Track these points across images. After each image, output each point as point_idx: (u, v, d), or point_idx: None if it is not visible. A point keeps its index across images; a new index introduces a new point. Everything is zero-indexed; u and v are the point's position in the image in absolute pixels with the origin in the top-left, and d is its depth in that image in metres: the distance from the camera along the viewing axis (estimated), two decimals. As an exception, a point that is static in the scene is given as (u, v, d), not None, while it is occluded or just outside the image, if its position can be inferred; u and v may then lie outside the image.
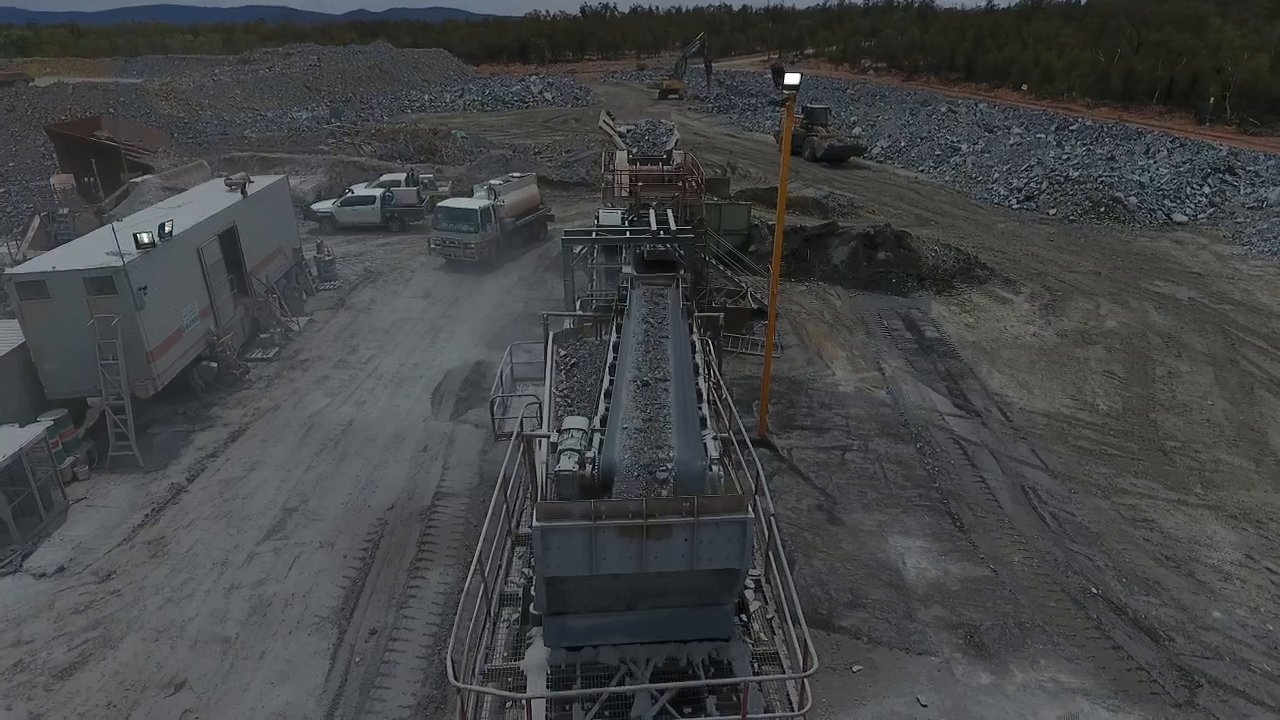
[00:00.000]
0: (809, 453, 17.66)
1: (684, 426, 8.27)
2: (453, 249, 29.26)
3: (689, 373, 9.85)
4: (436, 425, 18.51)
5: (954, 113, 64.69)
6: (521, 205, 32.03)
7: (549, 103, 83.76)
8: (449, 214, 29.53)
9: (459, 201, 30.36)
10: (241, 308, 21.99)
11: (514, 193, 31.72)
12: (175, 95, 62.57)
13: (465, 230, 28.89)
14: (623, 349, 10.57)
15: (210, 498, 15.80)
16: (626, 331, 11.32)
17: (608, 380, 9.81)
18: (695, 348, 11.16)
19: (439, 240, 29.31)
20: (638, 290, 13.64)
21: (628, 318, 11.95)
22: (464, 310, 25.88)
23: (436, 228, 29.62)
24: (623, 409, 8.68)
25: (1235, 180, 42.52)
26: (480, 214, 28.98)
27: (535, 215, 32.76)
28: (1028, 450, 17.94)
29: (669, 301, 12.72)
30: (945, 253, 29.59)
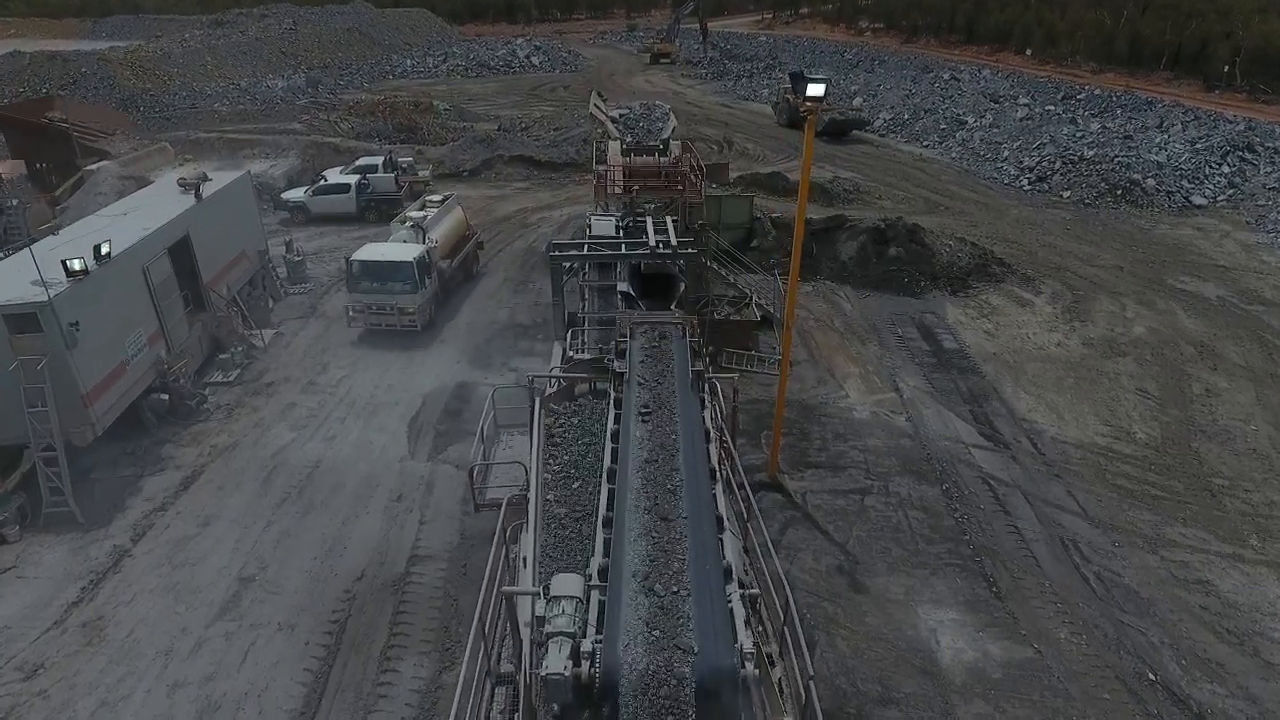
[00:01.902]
0: (825, 497, 16.03)
1: (705, 594, 6.54)
2: (382, 316, 21.93)
3: (705, 488, 8.09)
4: (413, 467, 16.75)
5: (957, 80, 62.26)
6: (451, 238, 25.67)
7: (536, 68, 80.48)
8: (372, 270, 21.70)
9: (384, 250, 22.56)
10: (198, 325, 20.02)
11: (442, 224, 25.31)
12: (141, 65, 59.28)
13: (398, 290, 21.71)
14: (623, 446, 8.78)
15: (157, 563, 14.06)
16: (627, 408, 9.52)
17: (606, 498, 8.05)
18: (709, 434, 9.37)
19: (361, 307, 21.86)
20: (637, 341, 11.81)
21: (627, 387, 10.14)
22: (442, 329, 23.95)
23: (354, 289, 21.83)
24: (626, 557, 6.95)
25: (1255, 159, 40.66)
26: (417, 266, 21.85)
27: (467, 248, 26.50)
28: (1063, 491, 16.36)
29: (675, 359, 10.89)
30: (960, 248, 27.73)
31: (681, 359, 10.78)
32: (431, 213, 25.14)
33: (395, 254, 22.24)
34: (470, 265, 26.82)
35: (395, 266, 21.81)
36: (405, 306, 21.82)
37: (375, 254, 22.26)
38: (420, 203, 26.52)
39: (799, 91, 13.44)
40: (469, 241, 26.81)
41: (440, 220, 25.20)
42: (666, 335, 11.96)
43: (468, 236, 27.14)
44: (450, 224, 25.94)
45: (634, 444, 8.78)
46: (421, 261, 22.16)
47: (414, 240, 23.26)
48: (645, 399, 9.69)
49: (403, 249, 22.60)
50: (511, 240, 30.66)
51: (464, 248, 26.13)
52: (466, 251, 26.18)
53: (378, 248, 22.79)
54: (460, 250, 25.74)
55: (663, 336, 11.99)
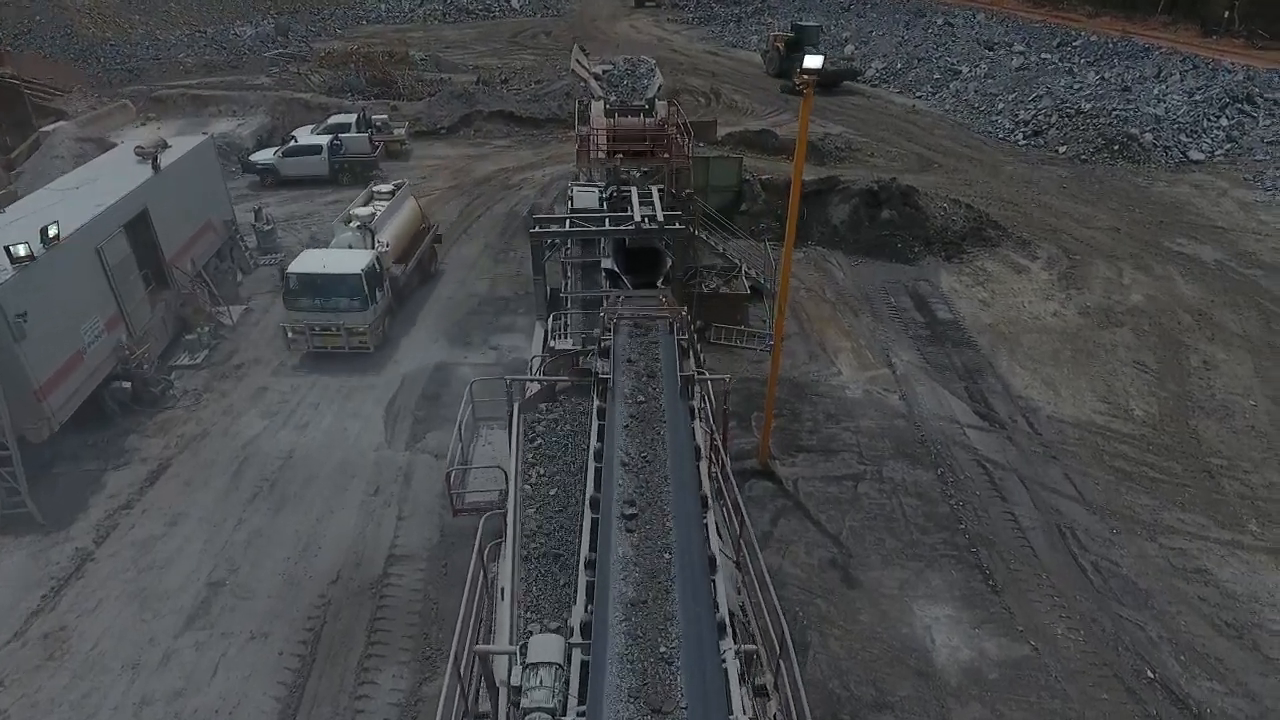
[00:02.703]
0: (816, 484, 15.57)
1: (696, 655, 6.00)
2: (327, 338, 18.97)
3: (696, 521, 7.50)
4: (390, 456, 16.11)
5: (951, 26, 60.43)
6: (405, 236, 22.21)
7: (516, 12, 77.44)
8: (312, 284, 18.57)
9: (326, 260, 19.18)
10: (162, 305, 19.08)
11: (393, 221, 21.83)
12: (100, 11, 56.45)
13: (345, 307, 18.70)
14: (606, 475, 8.14)
15: (122, 567, 13.46)
16: (611, 424, 8.87)
17: (589, 533, 7.45)
18: (699, 452, 8.73)
19: (301, 328, 18.85)
20: (621, 337, 11.10)
21: (611, 396, 9.46)
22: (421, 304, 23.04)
23: (292, 307, 18.81)
24: (611, 610, 6.38)
25: (1254, 110, 39.74)
26: (366, 278, 18.73)
27: (423, 246, 23.05)
28: (1060, 474, 15.97)
29: (662, 362, 10.19)
30: (954, 211, 26.92)
31: (669, 362, 10.09)
32: (380, 208, 21.83)
33: (340, 265, 18.99)
34: (427, 264, 23.57)
35: (340, 280, 18.67)
36: (354, 326, 18.87)
37: (316, 265, 18.99)
38: (367, 195, 22.92)
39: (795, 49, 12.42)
40: (425, 236, 23.48)
41: (391, 217, 21.81)
42: (653, 329, 11.27)
43: (424, 230, 23.71)
44: (403, 220, 22.50)
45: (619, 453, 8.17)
46: (371, 272, 19.07)
47: (361, 245, 20.13)
48: (629, 458, 8.65)
49: (348, 258, 19.35)
50: (492, 204, 29.55)
51: (419, 245, 22.77)
52: (423, 250, 22.86)
53: (319, 257, 19.56)
54: (415, 249, 22.45)
55: (649, 331, 11.30)
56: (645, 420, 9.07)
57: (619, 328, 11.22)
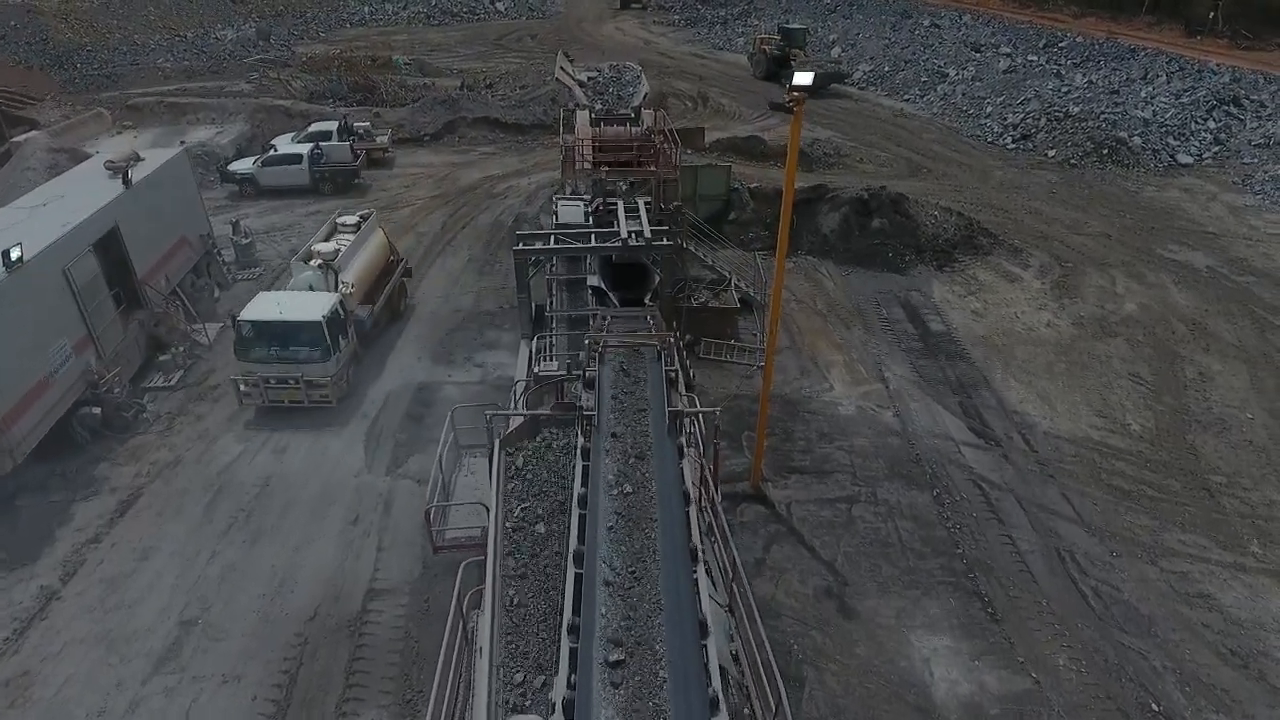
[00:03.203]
0: (810, 508, 15.17)
1: None
2: (284, 392, 17.01)
3: (685, 578, 7.08)
4: (370, 482, 15.60)
5: (938, 28, 60.34)
6: (371, 274, 20.34)
7: (501, 14, 76.81)
8: (268, 333, 16.82)
9: (283, 305, 17.18)
10: (134, 325, 18.47)
11: (359, 258, 19.90)
12: (76, 16, 55.47)
13: (304, 358, 16.84)
14: (591, 518, 7.71)
15: (88, 606, 12.91)
16: (595, 470, 8.42)
17: (571, 593, 6.99)
18: (689, 494, 8.30)
19: (255, 381, 16.94)
20: (608, 368, 10.66)
21: (596, 434, 9.02)
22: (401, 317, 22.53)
23: (245, 358, 16.95)
24: (595, 689, 5.94)
25: (1240, 113, 39.75)
26: (328, 325, 16.89)
27: (391, 283, 21.00)
28: (1057, 494, 15.64)
29: (650, 397, 9.76)
30: (945, 218, 26.62)
31: (656, 396, 9.66)
32: (345, 243, 19.82)
33: (298, 311, 17.02)
34: (396, 303, 21.50)
35: (299, 328, 16.81)
36: (315, 378, 16.94)
37: (271, 311, 17.03)
38: (329, 228, 20.86)
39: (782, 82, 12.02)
40: (394, 271, 21.53)
41: (357, 253, 19.91)
42: (641, 358, 10.84)
43: (392, 264, 21.77)
44: (370, 255, 20.57)
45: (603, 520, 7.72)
46: (334, 318, 17.18)
47: (322, 286, 18.20)
48: (614, 513, 8.16)
49: (308, 302, 17.39)
50: (476, 214, 29.03)
51: (387, 282, 20.84)
52: (392, 286, 20.94)
53: (275, 301, 17.49)
54: (383, 286, 20.58)
55: (635, 360, 10.87)
56: (631, 464, 8.63)
57: (604, 357, 10.80)
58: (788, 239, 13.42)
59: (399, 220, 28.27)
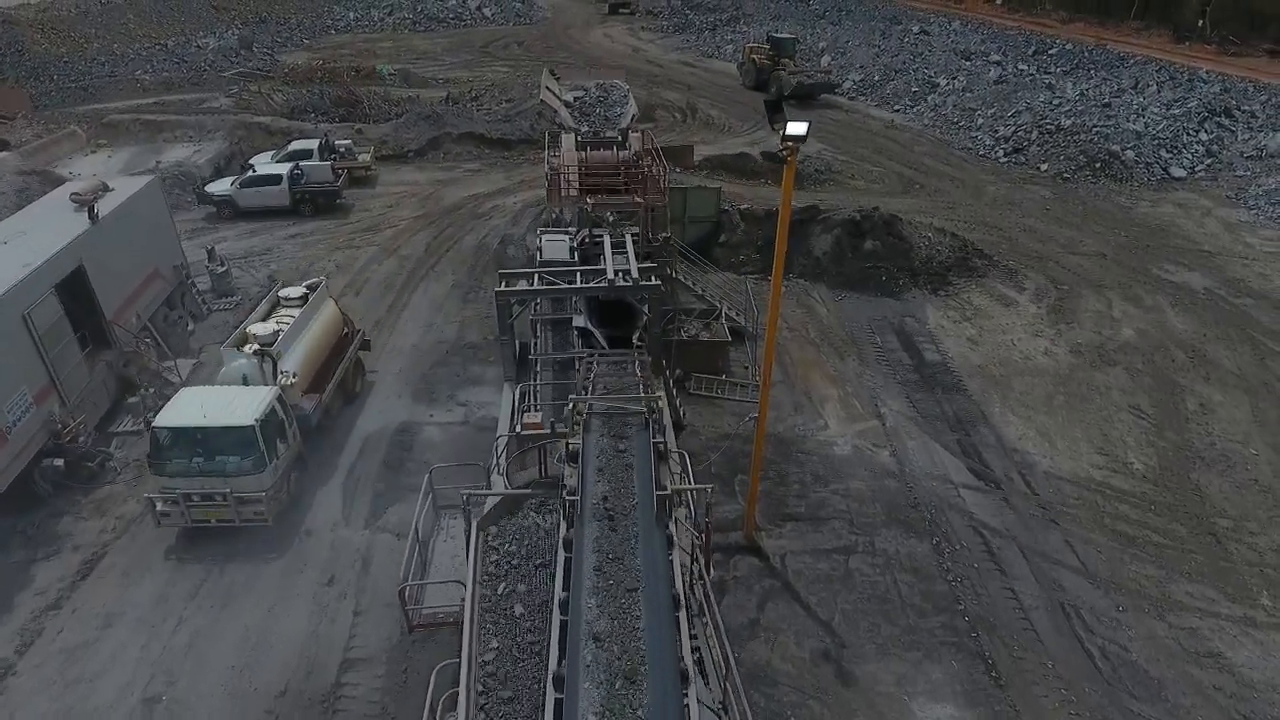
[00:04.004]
0: (806, 560, 14.62)
1: None
2: (210, 509, 14.20)
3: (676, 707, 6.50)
4: (347, 537, 14.93)
5: (927, 35, 60.08)
6: (319, 355, 17.58)
7: (489, 20, 76.06)
8: (190, 441, 14.16)
9: (209, 407, 14.42)
10: (102, 366, 17.72)
11: (304, 339, 17.16)
12: (54, 26, 54.41)
13: (234, 469, 14.07)
14: (573, 629, 7.12)
15: (46, 682, 12.20)
16: (579, 571, 7.83)
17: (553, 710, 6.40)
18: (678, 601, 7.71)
19: (175, 498, 14.02)
20: (591, 436, 10.06)
21: (580, 521, 8.43)
22: (383, 352, 21.86)
23: (162, 471, 14.18)
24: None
25: (1232, 124, 39.53)
26: (261, 430, 14.18)
27: (344, 363, 18.25)
28: (1060, 541, 15.15)
29: (637, 479, 9.17)
30: (939, 240, 26.16)
31: (645, 477, 9.06)
32: (288, 320, 17.13)
33: (226, 412, 14.25)
34: (351, 384, 18.80)
35: (226, 435, 14.05)
36: (247, 493, 14.11)
37: (193, 414, 14.26)
38: (270, 302, 18.12)
39: (773, 122, 11.50)
40: (348, 348, 18.77)
41: (301, 333, 17.12)
42: (627, 428, 10.26)
43: (346, 338, 18.92)
44: (318, 333, 17.73)
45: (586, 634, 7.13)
46: (269, 420, 14.49)
47: (258, 378, 15.60)
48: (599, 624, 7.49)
49: (238, 401, 14.57)
50: (461, 235, 28.36)
51: (339, 363, 18.11)
52: (345, 366, 18.23)
53: (198, 401, 14.63)
54: (334, 368, 17.82)
55: (624, 427, 10.29)
56: (617, 560, 8.05)
57: (589, 424, 10.21)
58: (779, 301, 12.85)
59: (381, 243, 27.62)
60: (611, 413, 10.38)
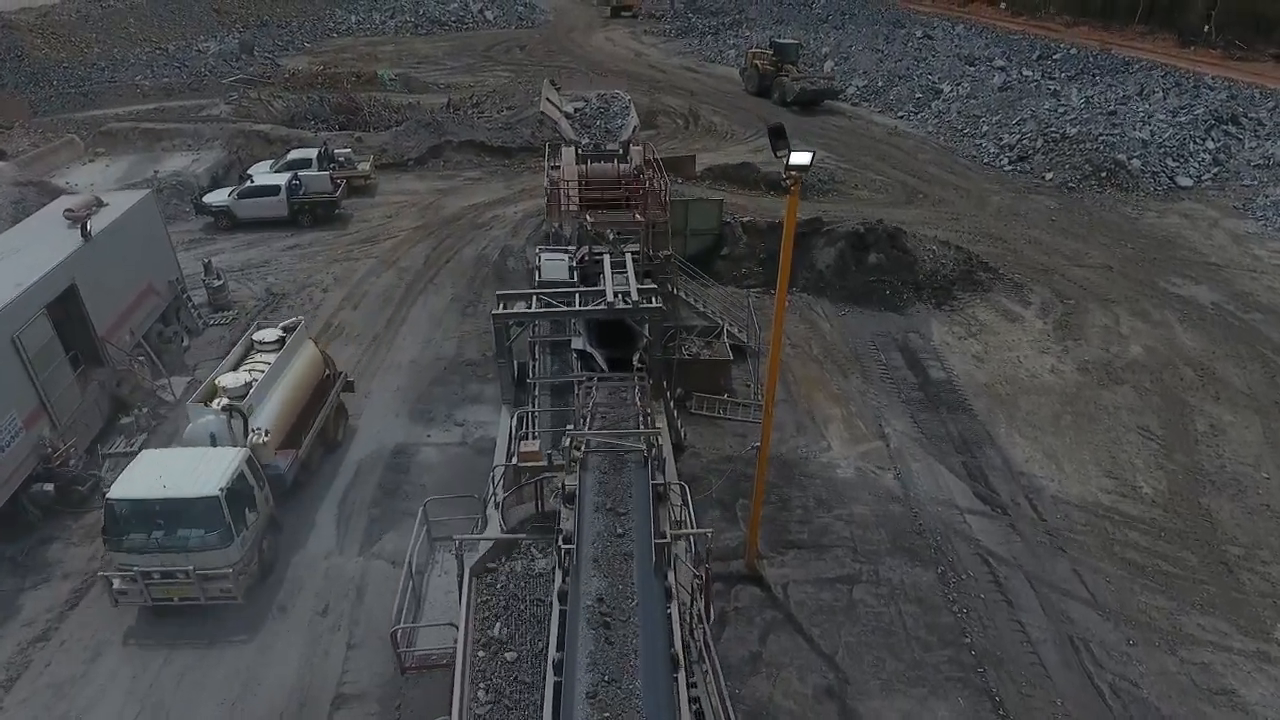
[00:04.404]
0: (808, 590, 14.32)
1: None
2: (171, 587, 12.85)
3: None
4: (341, 565, 14.67)
5: (930, 40, 59.78)
6: (296, 406, 16.07)
7: (490, 23, 75.88)
8: (148, 515, 12.74)
9: (169, 474, 12.91)
10: (94, 386, 17.48)
11: (279, 389, 15.71)
12: (54, 31, 54.24)
13: (198, 544, 12.69)
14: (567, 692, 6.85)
15: (32, 718, 11.95)
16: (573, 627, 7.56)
17: None
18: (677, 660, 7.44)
19: (133, 575, 12.66)
20: (589, 475, 9.79)
21: (575, 572, 8.16)
22: (380, 369, 21.60)
23: (118, 547, 12.74)
24: None
25: (1239, 132, 39.16)
26: (227, 500, 12.74)
27: (324, 409, 16.81)
28: (1069, 570, 14.84)
29: (636, 521, 8.90)
30: (944, 253, 25.85)
31: (643, 523, 8.78)
32: (261, 369, 15.62)
33: (188, 481, 12.67)
34: (332, 432, 17.37)
35: (188, 506, 12.56)
36: (211, 568, 12.67)
37: (151, 484, 12.68)
38: (244, 347, 16.59)
39: (775, 149, 11.22)
40: (329, 391, 17.25)
41: (277, 382, 15.67)
42: (626, 467, 9.98)
43: (327, 383, 17.39)
44: (295, 381, 16.26)
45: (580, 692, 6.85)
46: (237, 488, 13.04)
47: (227, 437, 14.09)
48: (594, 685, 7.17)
49: (203, 468, 12.96)
50: (460, 246, 28.10)
51: (320, 408, 16.67)
52: (325, 414, 16.77)
53: (160, 466, 13.06)
54: (313, 416, 16.36)
55: (622, 465, 10.01)
56: (614, 617, 7.76)
57: (586, 462, 9.93)
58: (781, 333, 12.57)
59: (380, 254, 27.37)
60: (609, 449, 10.10)
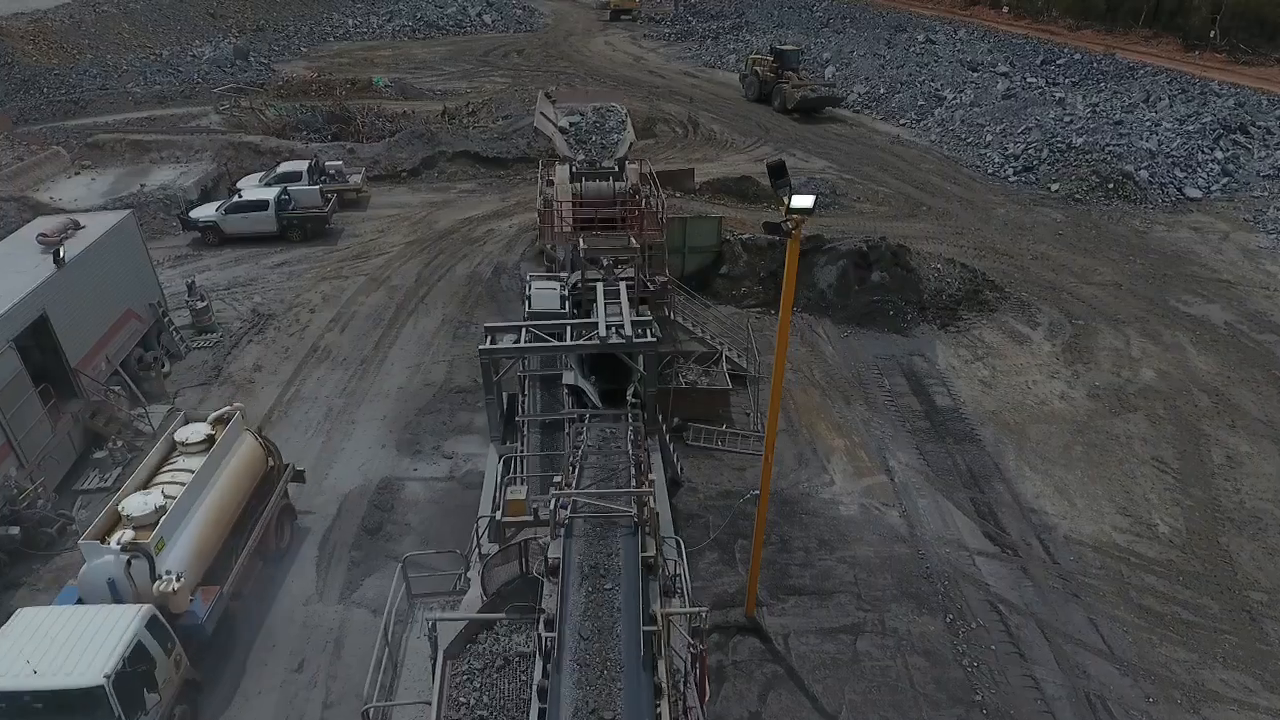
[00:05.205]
0: (811, 640, 13.63)
1: None
2: None
3: None
4: (320, 613, 13.96)
5: (933, 44, 59.04)
6: (227, 518, 13.31)
7: (489, 27, 75.22)
8: (12, 711, 9.63)
9: (43, 656, 9.85)
10: (66, 419, 16.79)
11: (204, 506, 12.77)
12: (45, 38, 53.54)
13: None
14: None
15: (-12, 788, 11.27)
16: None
17: None
18: None
19: None
20: (575, 543, 9.08)
21: (556, 664, 7.47)
22: (367, 396, 20.92)
23: None
24: None
25: (1248, 141, 38.45)
26: (115, 688, 9.75)
27: (268, 509, 14.15)
28: (1084, 618, 14.15)
29: (624, 601, 8.20)
30: (949, 271, 25.17)
31: (631, 604, 8.09)
32: (181, 480, 12.67)
33: (66, 667, 9.78)
34: (272, 542, 14.35)
35: (65, 700, 9.61)
36: None
37: (18, 672, 9.69)
38: (161, 451, 13.54)
39: (776, 188, 10.53)
40: (272, 492, 14.47)
41: (199, 500, 12.69)
42: (615, 533, 9.29)
43: (270, 477, 14.67)
44: (224, 493, 13.26)
45: None
46: (129, 672, 10.08)
47: (128, 587, 11.21)
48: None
49: (88, 641, 10.08)
50: (453, 263, 27.41)
51: (259, 514, 13.96)
52: (266, 521, 13.98)
53: (33, 642, 10.08)
54: (249, 528, 13.62)
55: (611, 532, 9.32)
56: (601, 707, 7.08)
57: (573, 528, 9.24)
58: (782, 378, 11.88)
59: (370, 272, 26.69)
60: (597, 515, 9.41)
